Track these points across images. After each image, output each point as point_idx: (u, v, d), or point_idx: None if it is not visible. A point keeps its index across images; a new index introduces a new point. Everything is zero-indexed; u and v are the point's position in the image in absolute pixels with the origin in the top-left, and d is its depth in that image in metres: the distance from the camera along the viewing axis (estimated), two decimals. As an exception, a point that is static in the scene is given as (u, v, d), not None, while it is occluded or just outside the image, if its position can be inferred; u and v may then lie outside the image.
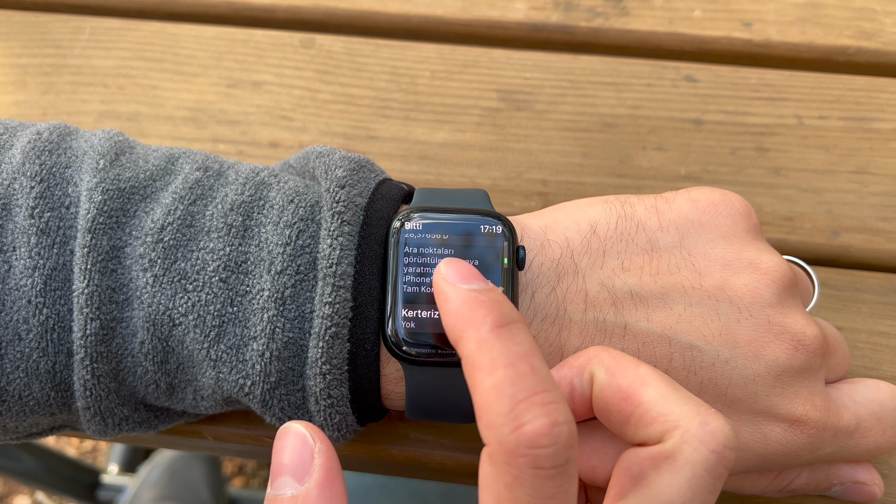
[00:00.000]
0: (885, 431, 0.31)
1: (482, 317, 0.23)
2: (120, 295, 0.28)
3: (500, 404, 0.21)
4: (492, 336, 0.23)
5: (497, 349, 0.22)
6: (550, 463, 0.21)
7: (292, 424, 0.25)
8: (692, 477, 0.23)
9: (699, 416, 0.24)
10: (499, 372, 0.22)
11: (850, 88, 0.43)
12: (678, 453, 0.24)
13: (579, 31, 0.45)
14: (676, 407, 0.24)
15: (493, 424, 0.22)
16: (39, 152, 0.29)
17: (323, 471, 0.24)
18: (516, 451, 0.21)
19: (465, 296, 0.23)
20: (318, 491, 0.24)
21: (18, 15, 0.46)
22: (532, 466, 0.21)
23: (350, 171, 0.29)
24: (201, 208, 0.29)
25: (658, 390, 0.25)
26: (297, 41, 0.45)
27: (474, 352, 0.23)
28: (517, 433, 0.21)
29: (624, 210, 0.30)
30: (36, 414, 0.29)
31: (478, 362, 0.22)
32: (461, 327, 0.23)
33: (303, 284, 0.28)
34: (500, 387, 0.22)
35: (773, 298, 0.29)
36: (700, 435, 0.24)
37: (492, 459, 0.22)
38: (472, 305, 0.23)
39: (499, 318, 0.23)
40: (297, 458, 0.24)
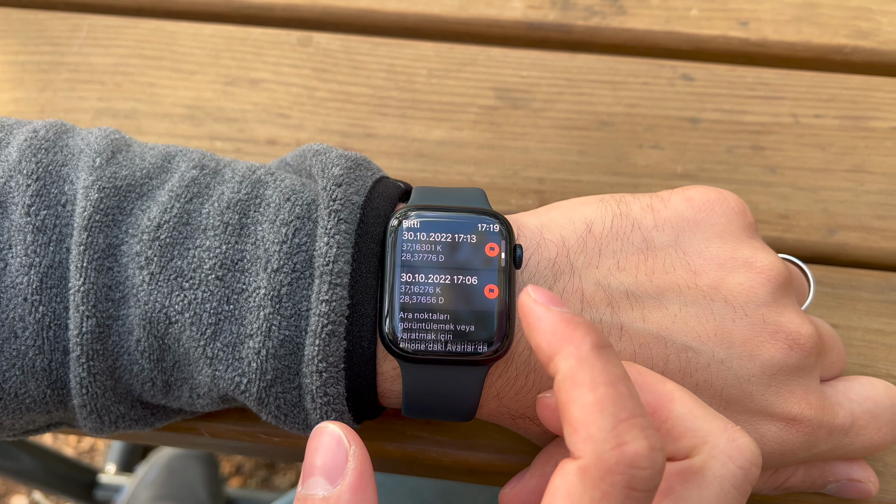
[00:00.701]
0: (879, 429, 0.31)
1: (582, 336, 0.23)
2: (116, 293, 0.28)
3: (602, 420, 0.22)
4: (592, 355, 0.23)
5: (598, 368, 0.22)
6: (644, 486, 0.21)
7: (328, 425, 0.25)
8: (720, 492, 0.24)
9: (727, 432, 0.25)
10: (601, 389, 0.22)
11: (846, 87, 0.43)
12: (707, 468, 0.24)
13: (576, 29, 0.45)
14: (704, 423, 0.25)
15: (593, 438, 0.22)
16: (36, 150, 0.29)
17: (356, 474, 0.24)
18: (615, 468, 0.21)
19: (562, 316, 0.24)
20: (350, 495, 0.24)
21: (16, 12, 0.46)
22: (626, 486, 0.21)
23: (347, 169, 0.29)
24: (198, 206, 0.29)
25: (686, 406, 0.25)
26: (294, 39, 0.45)
27: (574, 368, 0.23)
28: (618, 450, 0.21)
29: (620, 209, 0.31)
30: (32, 412, 0.29)
31: (578, 378, 0.22)
32: (559, 344, 0.23)
33: (299, 282, 0.28)
34: (602, 403, 0.22)
35: (768, 297, 0.29)
36: (728, 451, 0.24)
37: (584, 473, 0.22)
38: (571, 325, 0.23)
39: (598, 339, 0.23)
40: (330, 460, 0.25)
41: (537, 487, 0.29)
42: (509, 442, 0.35)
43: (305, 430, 0.29)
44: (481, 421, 0.35)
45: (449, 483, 0.59)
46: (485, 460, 0.35)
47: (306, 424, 0.29)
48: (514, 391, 0.29)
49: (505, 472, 0.35)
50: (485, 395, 0.29)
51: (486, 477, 0.37)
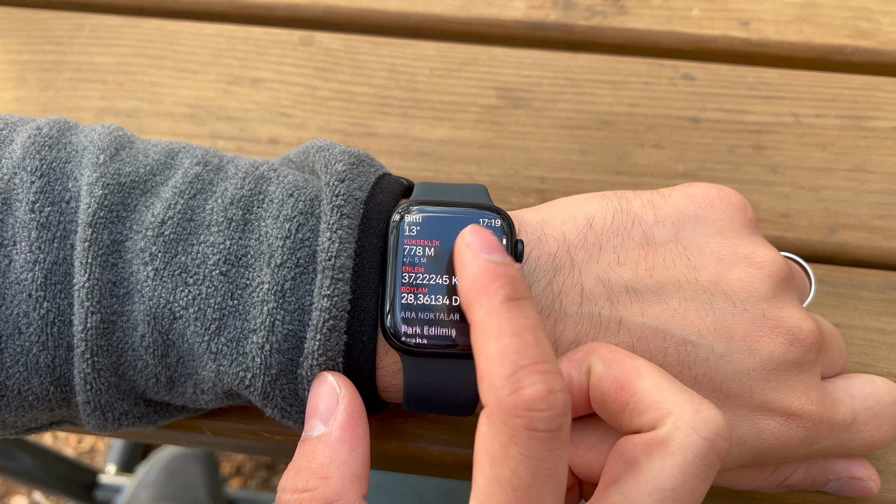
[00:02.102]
0: (881, 426, 0.31)
1: (496, 288, 0.24)
2: (120, 289, 0.28)
3: (502, 368, 0.23)
4: (502, 307, 0.24)
5: (505, 319, 0.23)
6: (544, 426, 0.22)
7: (326, 374, 0.28)
8: (683, 463, 0.24)
9: (692, 404, 0.25)
10: (504, 339, 0.23)
11: (846, 87, 0.44)
12: (670, 439, 0.25)
13: (578, 29, 0.46)
14: (670, 395, 0.25)
15: (493, 386, 0.23)
16: (39, 147, 0.29)
17: (345, 415, 0.27)
18: (513, 411, 0.22)
19: (484, 265, 0.24)
20: (340, 432, 0.27)
21: (19, 12, 0.46)
22: (527, 427, 0.22)
23: (350, 165, 0.29)
24: (201, 202, 0.29)
25: (652, 380, 0.26)
26: (296, 38, 0.45)
27: (484, 319, 0.24)
28: (515, 395, 0.22)
29: (620, 205, 0.31)
30: (35, 409, 0.29)
31: (486, 329, 0.23)
32: (475, 294, 0.24)
33: (302, 277, 0.28)
34: (504, 353, 0.23)
35: (769, 292, 0.29)
36: (692, 422, 0.25)
37: (489, 420, 0.23)
38: (489, 276, 0.24)
39: (511, 291, 0.24)
40: (324, 404, 0.27)
41: None
42: (511, 440, 0.35)
43: (308, 424, 0.30)
44: (483, 418, 0.35)
45: (449, 483, 0.59)
46: (486, 458, 0.35)
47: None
48: None
49: (506, 469, 0.35)
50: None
51: (488, 475, 0.37)
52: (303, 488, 0.26)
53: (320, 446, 0.27)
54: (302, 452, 0.27)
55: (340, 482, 0.26)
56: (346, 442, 0.27)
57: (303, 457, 0.27)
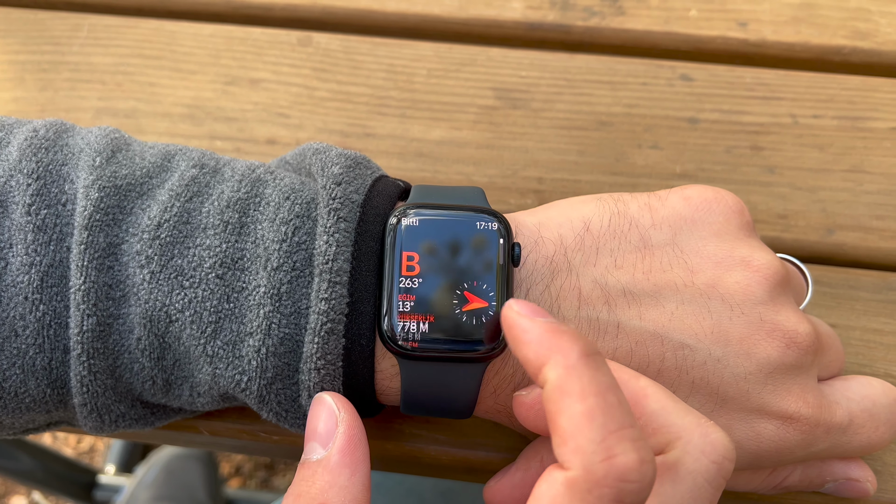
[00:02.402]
0: (877, 428, 0.31)
1: (569, 344, 0.23)
2: (117, 291, 0.28)
3: (592, 432, 0.21)
4: (580, 363, 0.23)
5: (587, 377, 0.22)
6: (633, 499, 0.21)
7: (324, 395, 0.27)
8: (693, 487, 0.24)
9: (700, 427, 0.25)
10: (590, 399, 0.22)
11: (844, 88, 0.44)
12: (680, 464, 0.24)
13: (575, 30, 0.46)
14: (678, 419, 0.25)
15: (581, 450, 0.21)
16: (36, 150, 0.29)
17: (344, 438, 0.26)
18: (603, 481, 0.21)
19: (548, 325, 0.24)
20: (339, 456, 0.26)
21: (17, 12, 0.46)
22: (614, 500, 0.21)
23: (346, 167, 0.29)
24: (198, 205, 0.29)
25: (659, 402, 0.25)
26: (294, 39, 0.45)
27: (562, 377, 0.22)
28: (608, 463, 0.21)
29: (617, 207, 0.31)
30: (32, 411, 0.29)
31: (566, 388, 0.22)
32: (546, 353, 0.23)
33: (299, 281, 0.28)
34: (592, 414, 0.22)
35: (765, 296, 0.29)
36: (701, 446, 0.24)
37: (571, 485, 0.21)
38: (557, 334, 0.23)
39: (585, 346, 0.23)
40: (323, 426, 0.27)
41: (521, 482, 0.29)
42: (508, 440, 0.35)
43: (304, 426, 0.29)
44: (480, 419, 0.35)
45: (448, 482, 0.59)
46: (483, 458, 0.35)
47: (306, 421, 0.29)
48: (510, 389, 0.29)
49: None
50: (482, 392, 0.29)
51: (485, 475, 0.36)
52: None
53: (319, 471, 0.26)
54: (301, 476, 0.26)
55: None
56: (345, 466, 0.26)
57: (302, 481, 0.26)
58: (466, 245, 0.28)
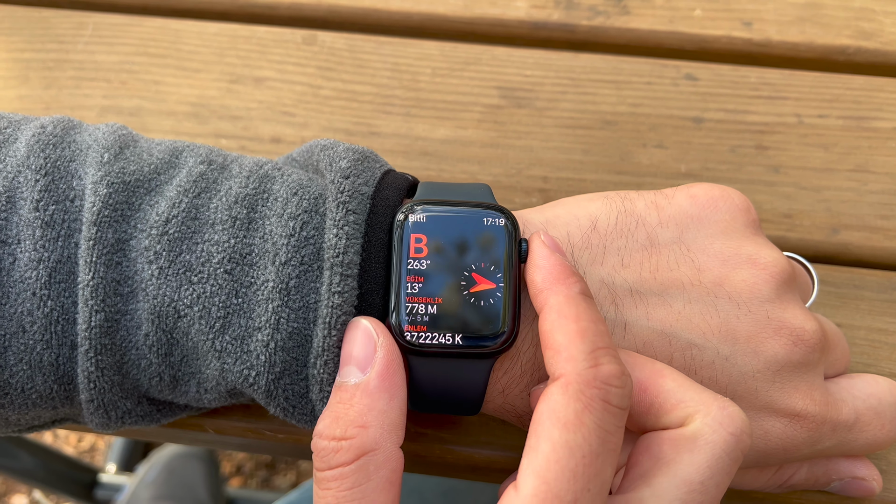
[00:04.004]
0: (883, 426, 0.31)
1: (575, 281, 0.27)
2: (125, 287, 0.28)
3: (582, 344, 0.25)
4: (580, 297, 0.26)
5: (583, 306, 0.26)
6: (617, 401, 0.24)
7: (360, 319, 0.27)
8: (711, 457, 0.25)
9: (717, 401, 0.26)
10: (583, 322, 0.25)
11: (849, 88, 0.44)
12: (699, 435, 0.25)
13: (580, 29, 0.46)
14: (695, 394, 0.26)
15: (573, 358, 0.25)
16: (44, 146, 0.29)
17: (383, 363, 0.27)
18: (592, 382, 0.24)
19: (562, 262, 0.27)
20: (379, 381, 0.27)
21: (22, 10, 0.46)
22: (602, 399, 0.24)
23: (354, 161, 0.29)
24: (206, 201, 0.29)
25: (676, 381, 0.27)
26: (299, 38, 0.45)
27: (563, 302, 0.26)
28: (595, 368, 0.24)
29: (624, 206, 0.31)
30: (38, 407, 0.29)
31: (565, 311, 0.26)
32: (553, 281, 0.27)
33: (307, 275, 0.28)
34: (584, 332, 0.25)
35: (772, 293, 0.30)
36: (720, 418, 0.26)
37: (565, 389, 0.24)
38: (568, 270, 0.27)
39: (585, 287, 0.27)
40: (361, 350, 0.27)
41: None
42: (512, 439, 0.35)
43: (312, 422, 0.29)
44: (485, 418, 0.35)
45: (450, 482, 0.59)
46: (488, 458, 0.35)
47: (313, 416, 0.29)
48: (519, 388, 0.29)
49: (508, 469, 0.35)
50: (490, 391, 0.29)
51: (490, 474, 0.37)
52: (341, 436, 0.26)
53: (358, 394, 0.26)
54: (338, 399, 0.27)
55: (379, 431, 0.26)
56: (384, 391, 0.26)
57: (339, 404, 0.27)
58: (474, 240, 0.28)
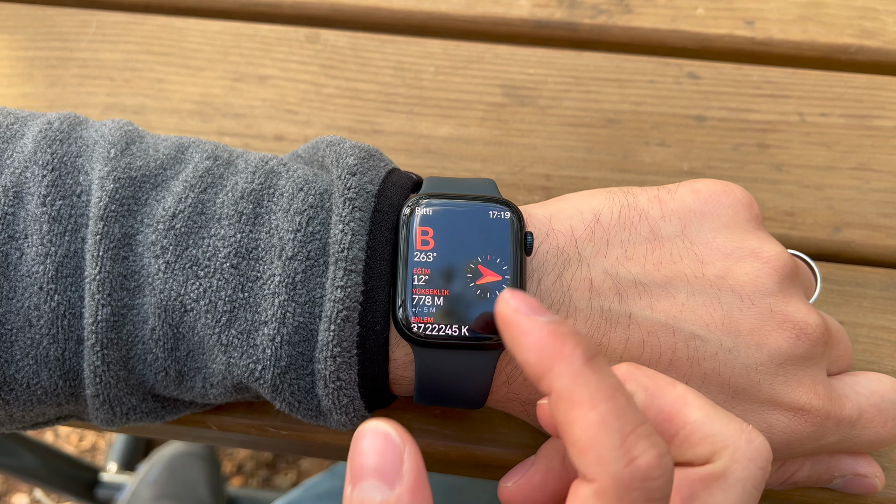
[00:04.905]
0: (886, 423, 0.32)
1: (572, 349, 0.22)
2: (131, 282, 0.28)
3: (609, 438, 0.21)
4: (586, 369, 0.22)
5: (594, 383, 0.22)
6: (661, 494, 0.21)
7: (378, 424, 0.23)
8: (743, 494, 0.24)
9: (744, 434, 0.25)
10: (601, 406, 0.21)
11: (851, 86, 0.44)
12: (729, 473, 0.24)
13: (583, 28, 0.46)
14: (722, 427, 0.25)
15: (603, 459, 0.21)
16: (51, 142, 0.29)
17: (413, 475, 0.23)
18: (631, 484, 0.21)
19: (548, 327, 0.22)
20: (410, 496, 0.22)
21: (25, 8, 0.46)
22: (646, 499, 0.21)
23: (361, 159, 0.30)
24: (212, 196, 0.29)
25: (701, 410, 0.25)
26: (302, 36, 0.45)
27: (570, 386, 0.22)
28: (632, 467, 0.21)
29: (627, 200, 0.31)
30: (43, 403, 0.29)
31: (576, 397, 0.22)
32: (549, 361, 0.22)
33: (313, 270, 0.28)
34: (605, 421, 0.21)
35: (775, 287, 0.30)
36: (749, 454, 0.24)
37: (601, 496, 0.21)
38: (558, 338, 0.22)
39: (587, 350, 0.22)
40: (383, 461, 0.23)
41: (542, 483, 0.28)
42: (516, 436, 0.35)
43: (317, 417, 0.30)
44: (489, 414, 0.35)
45: (452, 479, 0.59)
46: (491, 454, 0.35)
47: (318, 411, 0.29)
48: (523, 377, 0.30)
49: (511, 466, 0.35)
50: (495, 380, 0.30)
51: (493, 471, 0.37)
52: None
53: None
54: None
55: None
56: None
57: None
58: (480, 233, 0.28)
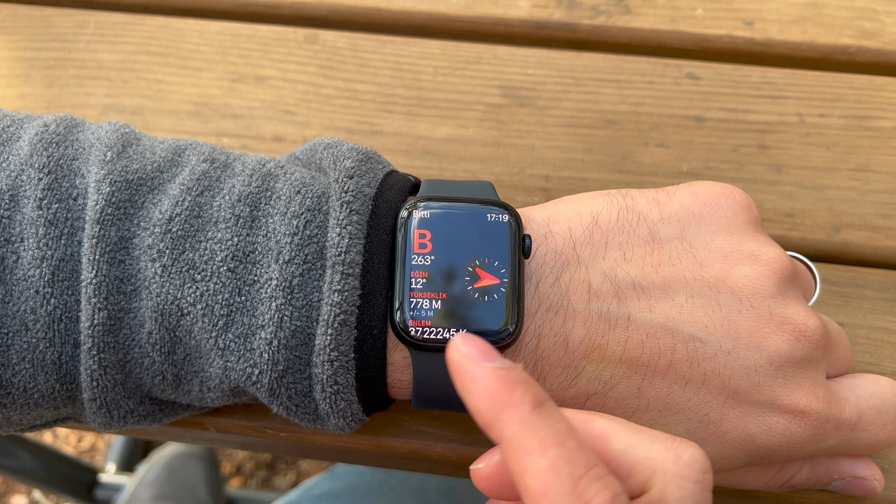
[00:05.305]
0: (885, 426, 0.31)
1: (519, 397, 0.22)
2: (128, 285, 0.28)
3: (561, 484, 0.21)
4: (534, 416, 0.22)
5: (542, 429, 0.22)
6: None
7: None
8: None
9: (670, 452, 0.24)
10: (550, 452, 0.21)
11: (850, 87, 0.44)
12: (666, 496, 0.23)
13: (582, 28, 0.46)
14: (646, 452, 0.24)
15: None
16: (47, 144, 0.29)
17: None
18: None
19: (496, 375, 0.23)
20: None
21: (23, 9, 0.46)
22: None
23: (358, 161, 0.29)
24: (209, 199, 0.29)
25: (622, 440, 0.24)
26: (301, 37, 0.45)
27: (519, 434, 0.22)
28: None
29: (626, 202, 0.31)
30: (40, 407, 0.29)
31: (525, 445, 0.22)
32: (498, 409, 0.22)
33: (310, 273, 0.28)
34: (556, 467, 0.21)
35: (774, 289, 0.30)
36: (679, 471, 0.23)
37: None
38: (506, 385, 0.22)
39: (535, 397, 0.22)
40: None
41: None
42: (515, 438, 0.35)
43: (315, 421, 0.29)
44: (487, 417, 0.35)
45: (451, 481, 0.59)
46: (491, 456, 0.35)
47: (316, 415, 0.29)
48: None
49: (511, 467, 0.35)
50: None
51: (492, 473, 0.37)
52: None
53: None
54: None
55: None
56: None
57: None
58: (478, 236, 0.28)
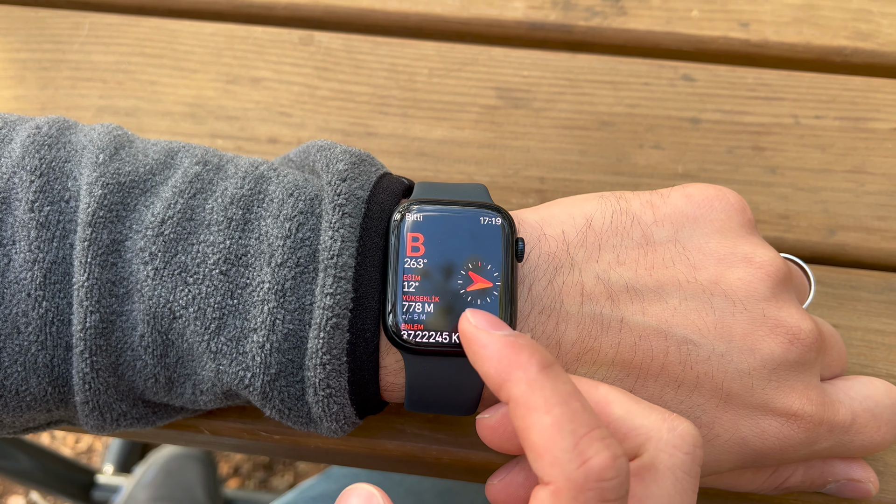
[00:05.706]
0: (879, 428, 0.31)
1: (527, 358, 0.23)
2: (120, 288, 0.28)
3: (563, 441, 0.22)
4: (541, 376, 0.23)
5: (549, 389, 0.23)
6: (615, 494, 0.22)
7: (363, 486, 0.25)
8: (675, 481, 0.24)
9: (666, 422, 0.25)
10: (555, 410, 0.22)
11: (846, 88, 0.44)
12: (657, 462, 0.25)
13: (577, 30, 0.46)
14: (643, 419, 0.25)
15: (558, 461, 0.22)
16: (39, 147, 0.29)
17: None
18: (585, 485, 0.22)
19: (505, 340, 0.24)
20: None
21: (18, 10, 0.46)
22: (600, 500, 0.22)
23: (351, 164, 0.29)
24: (201, 202, 0.29)
25: (623, 407, 0.26)
26: (296, 38, 0.45)
27: (526, 393, 0.23)
28: (584, 467, 0.22)
29: (619, 205, 0.31)
30: (32, 410, 0.29)
31: (531, 402, 0.23)
32: (507, 370, 0.24)
33: (303, 277, 0.28)
34: (559, 424, 0.22)
35: (768, 292, 0.30)
36: (672, 441, 0.25)
37: (557, 496, 0.22)
38: (515, 348, 0.24)
39: (542, 359, 0.23)
40: None
41: (526, 482, 0.29)
42: (510, 440, 0.35)
43: (308, 424, 0.29)
44: (482, 419, 0.35)
45: (447, 483, 0.59)
46: (484, 458, 0.35)
47: (309, 418, 0.29)
48: None
49: (505, 470, 0.35)
50: (486, 387, 0.29)
51: (486, 475, 0.36)
52: None
53: None
54: None
55: None
56: None
57: None
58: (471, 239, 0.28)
